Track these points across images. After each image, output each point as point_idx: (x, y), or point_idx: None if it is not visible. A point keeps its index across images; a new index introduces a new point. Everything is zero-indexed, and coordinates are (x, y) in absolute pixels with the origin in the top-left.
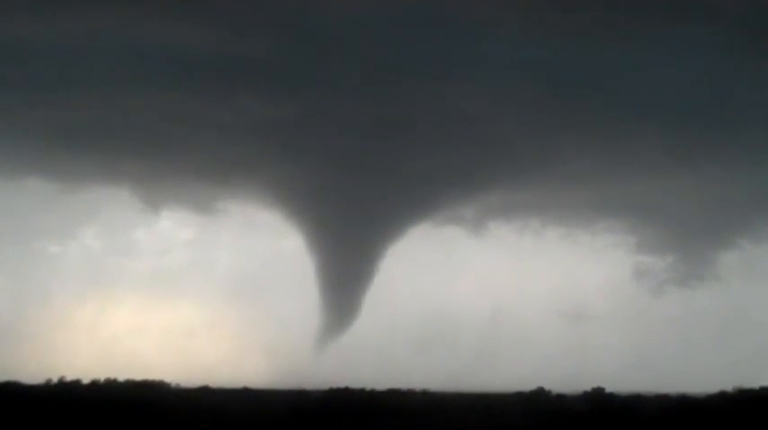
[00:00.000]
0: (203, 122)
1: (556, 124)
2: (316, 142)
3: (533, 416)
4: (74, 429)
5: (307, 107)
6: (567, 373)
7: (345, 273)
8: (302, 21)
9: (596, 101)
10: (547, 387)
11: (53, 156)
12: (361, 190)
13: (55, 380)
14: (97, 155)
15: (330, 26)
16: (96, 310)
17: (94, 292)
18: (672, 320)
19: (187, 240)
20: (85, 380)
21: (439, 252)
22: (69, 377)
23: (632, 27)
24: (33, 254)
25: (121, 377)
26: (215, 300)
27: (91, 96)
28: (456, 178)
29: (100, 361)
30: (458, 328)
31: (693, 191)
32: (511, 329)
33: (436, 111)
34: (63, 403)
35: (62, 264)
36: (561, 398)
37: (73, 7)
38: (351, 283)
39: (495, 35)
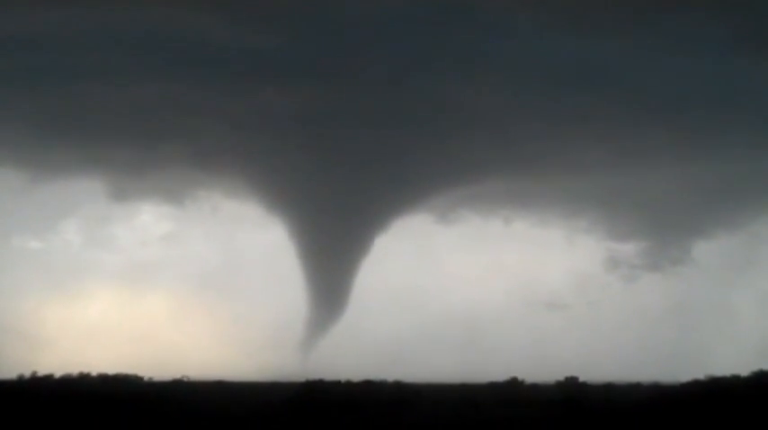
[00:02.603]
0: (194, 112)
1: (557, 116)
2: (313, 135)
3: (507, 405)
4: (46, 424)
5: (309, 100)
6: (540, 363)
7: (333, 265)
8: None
9: (597, 95)
10: (520, 377)
11: (30, 146)
12: (353, 182)
13: (27, 375)
14: (75, 145)
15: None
16: (69, 305)
17: (71, 287)
18: (644, 309)
19: (166, 233)
20: (58, 375)
21: (409, 242)
22: (42, 372)
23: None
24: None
25: (94, 371)
26: (192, 292)
27: (78, 86)
28: (452, 169)
29: (73, 355)
30: (430, 320)
31: (671, 181)
32: (484, 320)
33: (439, 105)
34: (35, 398)
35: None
36: (535, 387)
37: None
38: (339, 276)
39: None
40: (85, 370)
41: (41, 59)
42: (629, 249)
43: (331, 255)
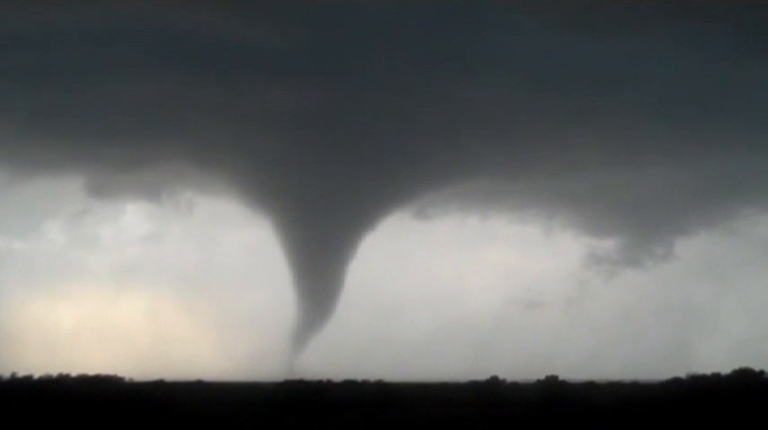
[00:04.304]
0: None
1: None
2: (309, 134)
3: (487, 404)
4: (26, 425)
5: (306, 98)
6: (521, 362)
7: (322, 260)
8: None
9: (600, 97)
10: (500, 376)
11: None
12: (342, 179)
13: (7, 375)
14: (63, 142)
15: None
16: (50, 305)
17: (54, 287)
18: (624, 308)
19: (148, 233)
20: (37, 376)
21: (387, 239)
22: (21, 373)
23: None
24: None
25: (74, 372)
26: (173, 292)
27: (81, 84)
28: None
29: (52, 356)
30: (411, 318)
31: (655, 179)
32: (464, 318)
33: (441, 103)
34: (14, 399)
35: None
36: (515, 386)
37: None
38: (328, 276)
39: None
40: (71, 371)
41: (47, 57)
42: (609, 245)
43: (320, 253)
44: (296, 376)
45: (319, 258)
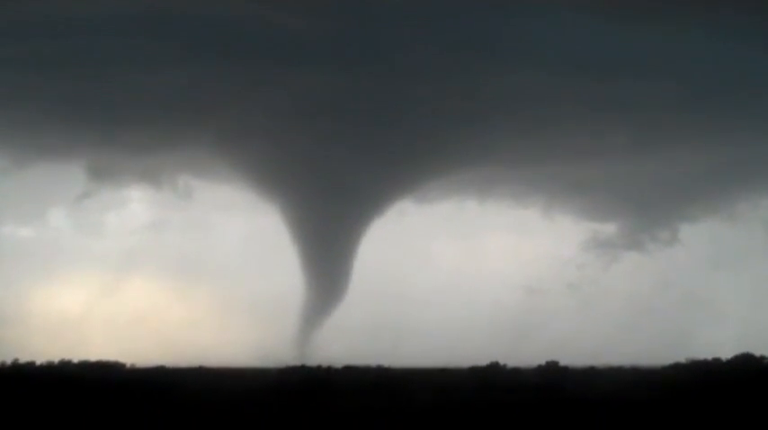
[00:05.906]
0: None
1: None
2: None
3: (488, 390)
4: (27, 411)
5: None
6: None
7: (330, 248)
8: None
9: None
10: (501, 361)
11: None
12: (350, 166)
13: (8, 362)
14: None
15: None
16: (52, 292)
17: (53, 273)
18: (626, 293)
19: (153, 219)
20: (39, 362)
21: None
22: (23, 359)
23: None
24: None
25: (76, 358)
26: (176, 280)
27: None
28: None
29: (54, 342)
30: (410, 304)
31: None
32: (464, 303)
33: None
34: (17, 385)
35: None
36: (516, 371)
37: None
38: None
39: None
40: (73, 357)
41: (74, 44)
42: (610, 230)
43: (329, 238)
44: (300, 362)
45: (329, 243)
